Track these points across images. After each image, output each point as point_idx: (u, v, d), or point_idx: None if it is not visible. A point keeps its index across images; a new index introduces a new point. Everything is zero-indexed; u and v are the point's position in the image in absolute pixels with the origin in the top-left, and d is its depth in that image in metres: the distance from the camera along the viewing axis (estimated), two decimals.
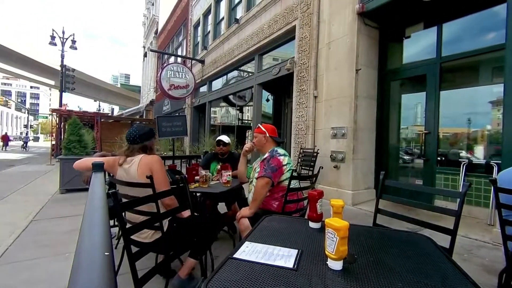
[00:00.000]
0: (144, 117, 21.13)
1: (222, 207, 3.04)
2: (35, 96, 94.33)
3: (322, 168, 2.62)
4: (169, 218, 1.80)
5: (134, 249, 1.20)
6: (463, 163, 3.58)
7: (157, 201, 1.48)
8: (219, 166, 2.80)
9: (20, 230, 3.01)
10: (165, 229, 1.66)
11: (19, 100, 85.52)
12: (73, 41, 15.91)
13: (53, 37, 15.19)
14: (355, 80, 4.33)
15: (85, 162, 1.86)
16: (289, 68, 5.80)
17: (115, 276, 0.44)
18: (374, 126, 4.71)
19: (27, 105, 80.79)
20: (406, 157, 4.62)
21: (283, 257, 0.93)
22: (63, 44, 15.51)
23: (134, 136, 1.85)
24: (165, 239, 1.60)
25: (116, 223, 2.53)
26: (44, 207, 4.08)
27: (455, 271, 0.88)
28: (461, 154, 3.86)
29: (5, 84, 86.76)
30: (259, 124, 2.30)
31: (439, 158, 3.97)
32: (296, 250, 0.98)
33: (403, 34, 4.53)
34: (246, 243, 1.04)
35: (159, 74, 9.05)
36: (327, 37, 4.87)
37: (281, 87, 7.34)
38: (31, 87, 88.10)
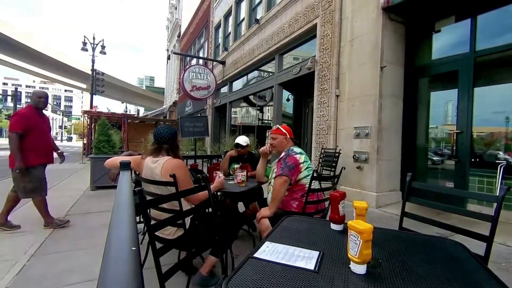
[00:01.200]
0: (167, 118, 21.83)
1: (241, 207, 3.07)
2: (69, 99, 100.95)
3: (344, 168, 2.56)
4: (191, 216, 1.84)
5: (158, 245, 1.25)
6: (500, 164, 3.31)
7: (180, 199, 1.52)
8: (238, 166, 2.82)
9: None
10: (187, 226, 1.71)
11: (54, 103, 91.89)
12: (103, 46, 16.83)
13: (84, 43, 16.17)
14: (379, 78, 4.17)
15: (114, 160, 1.97)
16: (310, 67, 5.72)
17: (141, 270, 0.46)
18: (400, 126, 4.51)
19: (62, 107, 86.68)
20: (436, 158, 4.38)
21: (304, 258, 0.91)
22: (93, 49, 16.45)
23: (163, 136, 1.91)
24: (187, 236, 1.64)
25: (141, 220, 2.63)
26: (76, 202, 4.35)
27: (490, 280, 0.82)
28: (498, 155, 3.59)
29: (42, 88, 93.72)
30: (278, 126, 2.29)
31: (472, 159, 3.72)
32: (318, 252, 0.96)
33: (432, 28, 4.29)
34: (267, 243, 1.04)
35: (181, 76, 9.31)
36: (350, 35, 4.74)
37: (301, 86, 7.26)
38: (65, 90, 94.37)
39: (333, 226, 1.25)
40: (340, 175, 2.28)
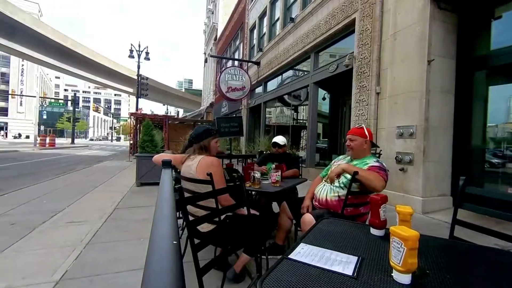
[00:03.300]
0: (204, 119, 22.71)
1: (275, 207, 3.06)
2: (118, 102, 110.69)
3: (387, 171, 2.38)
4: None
5: (195, 241, 1.30)
6: None
7: (216, 197, 1.57)
8: (273, 166, 2.82)
9: (107, 216, 3.56)
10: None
11: (106, 106, 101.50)
12: (147, 53, 18.13)
13: (131, 51, 17.58)
14: (426, 72, 3.84)
15: (160, 157, 2.13)
16: (348, 64, 5.49)
17: (182, 263, 0.49)
18: (451, 124, 4.10)
19: (112, 110, 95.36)
20: (495, 160, 3.89)
21: (341, 263, 0.88)
22: (139, 56, 17.81)
23: (192, 136, 2.06)
24: (218, 231, 1.68)
25: (180, 215, 2.78)
26: (124, 197, 4.75)
27: None
28: None
29: (95, 93, 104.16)
30: (362, 125, 2.13)
31: None
32: (356, 257, 0.92)
33: (491, 15, 3.82)
34: (302, 245, 1.02)
35: (218, 78, 9.62)
36: (392, 28, 4.44)
37: (338, 84, 7.00)
38: (115, 94, 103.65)
39: (373, 231, 1.19)
40: None
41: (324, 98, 8.29)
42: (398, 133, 4.17)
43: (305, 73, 7.98)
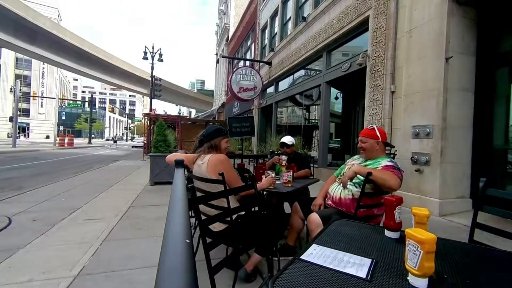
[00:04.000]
0: (216, 119, 22.91)
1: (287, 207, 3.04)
2: (133, 103, 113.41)
3: (402, 171, 2.32)
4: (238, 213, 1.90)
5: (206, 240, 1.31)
6: None
7: (228, 197, 1.58)
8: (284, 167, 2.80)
9: (122, 214, 3.66)
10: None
11: (121, 107, 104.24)
12: (160, 55, 18.48)
13: (145, 53, 17.97)
14: (444, 70, 3.71)
15: (173, 157, 2.17)
16: (361, 63, 5.39)
17: (195, 261, 0.49)
18: (471, 124, 3.94)
19: (127, 111, 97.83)
20: None
21: (355, 265, 0.86)
22: (152, 57, 18.18)
23: (202, 136, 2.09)
24: (230, 231, 1.69)
25: (192, 215, 2.81)
26: (138, 196, 4.86)
27: None
28: None
29: (111, 94, 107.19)
30: (374, 126, 2.08)
31: None
32: (370, 260, 0.90)
33: None
34: (314, 246, 1.01)
35: (229, 78, 9.67)
36: (408, 24, 4.32)
37: (351, 83, 6.88)
38: (129, 95, 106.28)
39: (388, 233, 1.16)
40: None
41: (336, 98, 8.18)
42: (414, 133, 4.05)
43: (317, 72, 7.89)
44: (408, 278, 0.77)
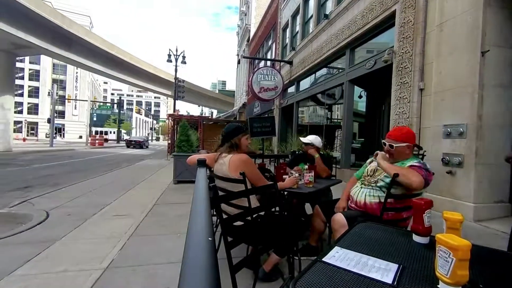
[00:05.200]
0: (237, 119, 23.12)
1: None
2: (157, 104, 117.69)
3: None
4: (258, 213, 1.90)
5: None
6: None
7: (249, 196, 1.59)
8: (306, 167, 2.76)
9: (148, 211, 3.81)
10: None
11: (146, 108, 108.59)
12: (184, 57, 19.00)
13: (169, 56, 18.57)
14: (479, 65, 3.45)
15: (194, 158, 2.21)
16: (387, 60, 5.17)
17: (217, 259, 0.50)
18: (510, 122, 3.64)
19: (152, 112, 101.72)
20: None
21: (380, 269, 0.83)
22: (176, 60, 18.74)
23: (222, 135, 2.11)
24: (250, 227, 1.69)
25: (214, 213, 2.86)
26: (162, 194, 5.03)
27: None
28: None
29: (138, 96, 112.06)
30: (405, 126, 1.99)
31: None
32: (396, 265, 0.86)
33: None
34: (336, 248, 0.98)
35: (250, 78, 9.72)
36: (439, 18, 4.08)
37: (376, 81, 6.63)
38: (155, 97, 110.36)
39: (416, 238, 1.10)
40: None
41: (360, 96, 7.92)
42: (445, 133, 3.81)
43: (340, 70, 7.70)
44: (438, 286, 0.73)
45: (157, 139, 71.34)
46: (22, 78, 49.84)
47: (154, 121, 77.35)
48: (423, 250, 1.01)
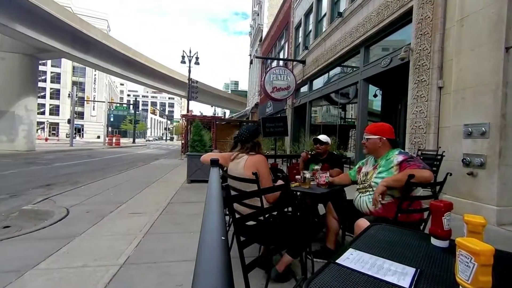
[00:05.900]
0: (249, 119, 23.17)
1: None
2: (171, 105, 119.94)
3: (451, 174, 2.09)
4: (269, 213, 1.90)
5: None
6: None
7: (261, 196, 1.59)
8: (317, 167, 2.72)
9: (162, 209, 3.89)
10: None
11: (161, 109, 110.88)
12: (197, 58, 19.25)
13: (183, 57, 18.86)
14: (504, 61, 3.29)
15: (208, 157, 2.24)
16: (404, 57, 5.02)
17: (230, 258, 0.50)
18: None
19: (166, 112, 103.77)
20: None
21: (396, 273, 0.81)
22: (189, 61, 19.01)
23: (245, 136, 2.10)
24: (262, 226, 1.69)
25: (227, 213, 2.88)
26: (176, 193, 5.12)
27: None
28: None
29: (152, 97, 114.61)
30: (379, 123, 2.08)
31: None
32: (413, 269, 0.83)
33: None
34: (351, 250, 0.96)
35: (263, 78, 9.72)
36: (459, 13, 3.92)
37: (392, 80, 6.46)
38: (169, 98, 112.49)
39: (434, 241, 1.06)
40: (444, 181, 1.91)
41: (375, 95, 7.74)
42: (466, 132, 3.66)
43: (354, 69, 7.56)
44: None
45: (171, 139, 72.62)
46: (44, 80, 52.21)
47: (168, 121, 78.82)
48: (442, 254, 0.97)
